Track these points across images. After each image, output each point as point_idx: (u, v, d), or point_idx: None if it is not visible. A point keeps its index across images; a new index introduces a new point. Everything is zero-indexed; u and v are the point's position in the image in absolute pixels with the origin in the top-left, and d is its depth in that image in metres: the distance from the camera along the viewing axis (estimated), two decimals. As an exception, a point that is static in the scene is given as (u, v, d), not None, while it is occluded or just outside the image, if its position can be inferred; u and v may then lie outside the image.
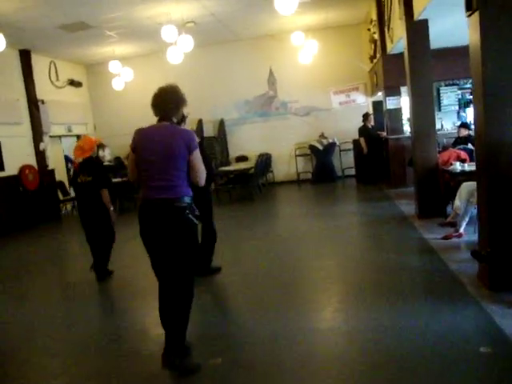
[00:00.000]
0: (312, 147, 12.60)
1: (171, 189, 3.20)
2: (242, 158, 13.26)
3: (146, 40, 11.43)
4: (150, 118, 3.50)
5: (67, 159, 13.25)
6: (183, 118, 3.61)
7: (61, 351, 3.94)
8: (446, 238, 5.73)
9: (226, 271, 5.58)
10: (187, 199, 3.25)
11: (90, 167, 5.56)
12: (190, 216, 3.25)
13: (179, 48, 9.77)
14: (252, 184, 11.26)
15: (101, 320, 4.68)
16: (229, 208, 10.34)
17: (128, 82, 12.30)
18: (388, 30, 8.99)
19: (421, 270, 4.96)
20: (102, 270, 5.68)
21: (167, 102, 3.32)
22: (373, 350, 3.28)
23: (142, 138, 3.31)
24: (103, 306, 5.22)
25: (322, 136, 12.56)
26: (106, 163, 8.95)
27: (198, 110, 12.94)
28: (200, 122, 13.03)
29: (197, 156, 3.28)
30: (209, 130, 13.28)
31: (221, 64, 13.16)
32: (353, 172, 12.31)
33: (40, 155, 11.43)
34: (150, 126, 3.38)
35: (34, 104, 11.43)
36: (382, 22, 9.49)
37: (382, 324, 3.65)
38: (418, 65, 6.80)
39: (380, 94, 11.04)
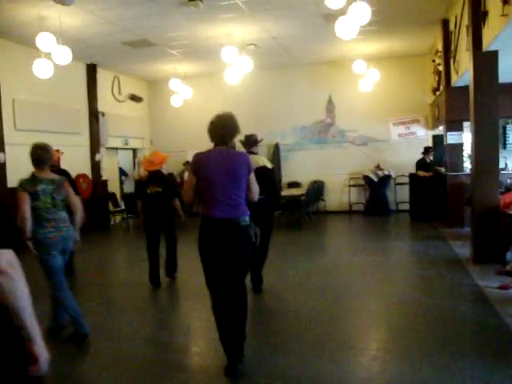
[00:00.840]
0: (366, 178, 12.23)
1: (235, 208, 3.49)
2: (293, 184, 13.04)
3: (207, 60, 11.55)
4: (204, 137, 3.62)
5: (121, 171, 13.53)
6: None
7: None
8: (503, 287, 5.24)
9: (264, 304, 5.36)
10: (248, 218, 3.57)
11: (159, 179, 6.11)
12: (252, 234, 3.59)
13: (238, 69, 9.80)
14: (302, 211, 11.01)
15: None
16: (276, 234, 10.06)
17: (186, 100, 12.49)
18: (454, 61, 8.60)
19: (472, 322, 4.49)
20: (172, 273, 6.38)
21: (224, 129, 3.58)
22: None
23: (204, 161, 3.54)
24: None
25: (378, 167, 12.17)
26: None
27: (253, 132, 12.93)
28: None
29: (253, 177, 3.60)
30: (263, 154, 13.17)
31: (279, 88, 13.10)
32: (407, 207, 11.78)
33: (95, 166, 11.70)
34: (210, 150, 3.62)
35: (94, 116, 11.77)
36: (448, 52, 9.11)
37: (423, 382, 3.28)
38: (484, 99, 6.40)
39: (441, 127, 10.57)
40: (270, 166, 5.71)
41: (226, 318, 3.51)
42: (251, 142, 5.86)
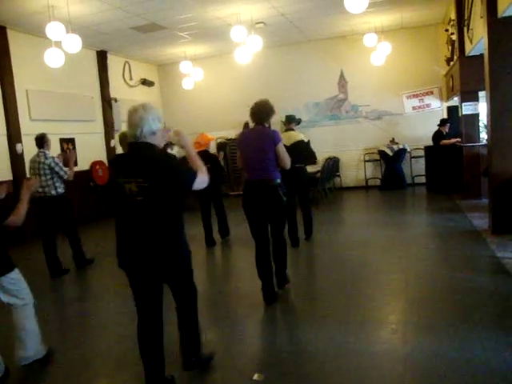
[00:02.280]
0: (381, 153, 12.14)
1: (265, 172, 4.45)
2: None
3: (216, 40, 11.47)
4: (217, 117, 4.02)
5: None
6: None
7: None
8: (522, 257, 5.24)
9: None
10: (278, 180, 4.51)
11: (208, 157, 6.83)
12: (280, 192, 4.48)
13: (248, 48, 9.74)
14: (318, 188, 11.01)
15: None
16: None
17: (197, 82, 12.47)
18: (467, 29, 8.43)
19: (492, 293, 4.49)
20: (225, 236, 7.81)
21: (259, 112, 4.61)
22: (429, 382, 2.97)
23: (241, 138, 4.83)
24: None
25: (393, 141, 12.07)
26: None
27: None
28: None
29: (280, 148, 4.49)
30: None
31: (290, 65, 12.98)
32: (423, 180, 11.72)
33: (111, 152, 11.79)
34: (249, 129, 4.94)
35: (107, 102, 11.83)
36: (462, 21, 8.91)
37: (443, 353, 3.32)
38: (500, 67, 6.28)
39: (456, 98, 10.42)
40: (305, 139, 6.99)
41: (262, 261, 4.55)
42: (290, 120, 7.29)
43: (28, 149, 9.00)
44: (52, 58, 8.05)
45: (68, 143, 10.29)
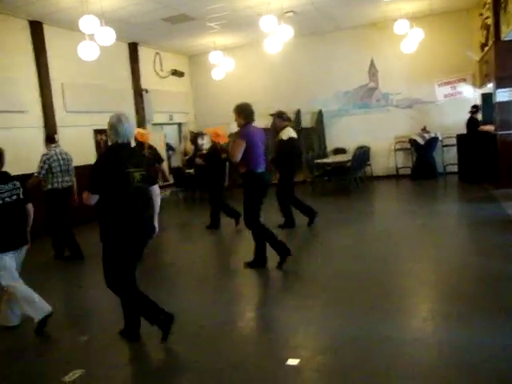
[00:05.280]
0: (413, 141, 11.99)
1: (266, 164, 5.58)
2: (339, 151, 12.96)
3: (246, 30, 11.49)
4: None
5: (168, 146, 13.79)
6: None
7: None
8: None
9: (311, 268, 5.49)
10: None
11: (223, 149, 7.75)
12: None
13: (277, 38, 9.73)
14: (348, 177, 10.98)
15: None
16: (323, 201, 10.16)
17: (227, 72, 12.53)
18: (504, 12, 8.21)
19: (525, 282, 4.46)
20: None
21: (253, 111, 5.45)
22: (463, 371, 2.98)
23: (252, 133, 5.37)
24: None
25: (424, 130, 11.90)
26: (203, 151, 9.19)
27: (295, 101, 12.91)
28: (298, 113, 12.93)
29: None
30: (306, 121, 13.16)
31: (320, 54, 12.90)
32: (455, 169, 11.52)
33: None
34: (251, 125, 5.42)
35: (138, 93, 12.02)
36: (498, 4, 8.69)
37: (477, 342, 3.32)
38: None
39: (490, 85, 10.19)
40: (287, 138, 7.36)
41: (266, 233, 5.44)
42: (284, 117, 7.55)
43: (63, 140, 9.26)
44: (86, 51, 8.22)
45: (102, 134, 10.51)
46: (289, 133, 7.33)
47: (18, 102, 8.74)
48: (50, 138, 7.04)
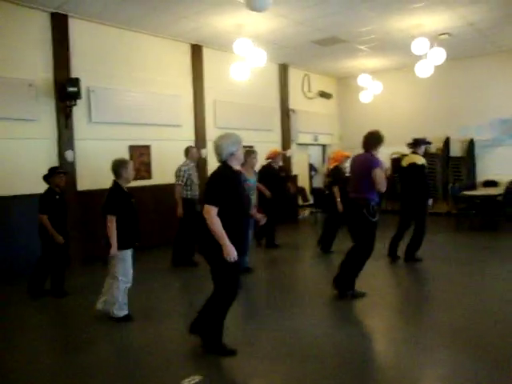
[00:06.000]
0: None
1: (360, 193, 5.38)
2: (490, 183, 11.93)
3: (396, 53, 11.23)
4: (393, 132, 3.82)
5: (311, 167, 13.94)
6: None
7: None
8: None
9: (438, 310, 5.14)
10: (369, 201, 5.29)
11: (334, 173, 8.35)
12: (365, 211, 5.26)
13: (429, 61, 9.36)
14: (498, 212, 10.06)
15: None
16: (466, 235, 9.44)
17: (375, 95, 12.34)
18: None
19: None
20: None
21: (369, 141, 5.57)
22: None
23: (353, 161, 5.79)
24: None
25: None
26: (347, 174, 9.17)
27: (445, 128, 12.22)
28: (447, 141, 12.24)
29: (377, 171, 5.26)
30: (456, 150, 12.34)
31: (475, 78, 12.04)
32: None
33: (286, 161, 12.26)
34: (357, 154, 5.69)
35: (286, 113, 12.38)
36: None
37: None
38: None
39: None
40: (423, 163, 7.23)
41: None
42: (416, 143, 7.51)
43: (212, 154, 9.89)
44: (238, 72, 8.75)
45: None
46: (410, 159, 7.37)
47: (176, 117, 9.59)
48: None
